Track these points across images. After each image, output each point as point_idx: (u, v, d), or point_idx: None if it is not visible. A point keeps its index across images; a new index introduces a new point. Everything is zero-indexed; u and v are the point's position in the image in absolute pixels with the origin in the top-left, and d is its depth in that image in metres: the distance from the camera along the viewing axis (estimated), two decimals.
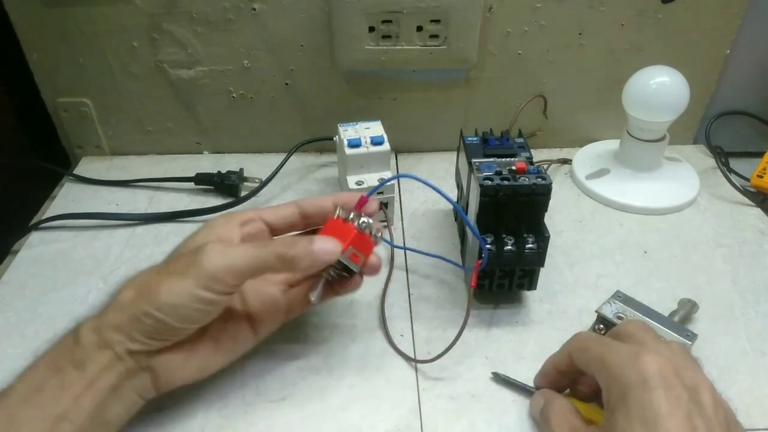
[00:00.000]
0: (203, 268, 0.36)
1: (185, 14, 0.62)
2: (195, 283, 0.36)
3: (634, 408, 0.31)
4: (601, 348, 0.36)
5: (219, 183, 0.65)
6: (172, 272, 0.37)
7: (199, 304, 0.36)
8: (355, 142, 0.57)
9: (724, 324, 0.50)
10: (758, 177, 0.65)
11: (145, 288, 0.37)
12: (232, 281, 0.36)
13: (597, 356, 0.36)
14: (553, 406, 0.39)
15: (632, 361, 0.33)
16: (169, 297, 0.35)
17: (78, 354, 0.36)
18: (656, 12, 0.63)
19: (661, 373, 0.32)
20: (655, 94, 0.59)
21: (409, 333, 0.49)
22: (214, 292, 0.36)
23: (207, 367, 0.41)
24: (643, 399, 0.31)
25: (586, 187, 0.65)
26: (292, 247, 0.37)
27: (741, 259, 0.57)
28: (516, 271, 0.49)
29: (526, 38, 0.64)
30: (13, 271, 0.56)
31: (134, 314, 0.36)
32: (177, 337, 0.38)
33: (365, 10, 0.60)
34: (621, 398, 0.32)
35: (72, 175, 0.68)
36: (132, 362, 0.36)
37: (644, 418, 0.30)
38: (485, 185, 0.45)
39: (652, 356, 0.33)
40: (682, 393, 0.31)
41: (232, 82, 0.67)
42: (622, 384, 0.32)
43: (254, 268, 0.37)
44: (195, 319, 0.37)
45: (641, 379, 0.32)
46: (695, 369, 0.34)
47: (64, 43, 0.63)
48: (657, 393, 0.31)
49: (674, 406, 0.30)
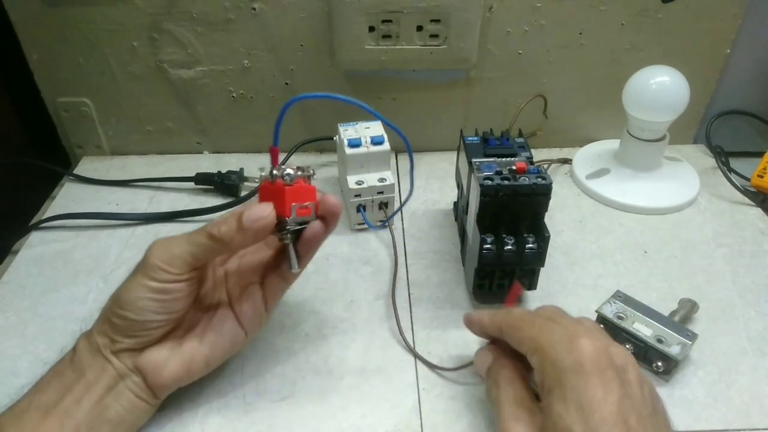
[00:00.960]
0: (148, 261, 0.39)
1: (185, 14, 0.62)
2: (143, 276, 0.38)
3: (570, 392, 0.32)
4: (533, 329, 0.36)
5: (219, 183, 0.65)
6: (129, 275, 0.40)
7: (151, 293, 0.38)
8: (355, 142, 0.57)
9: (724, 324, 0.50)
10: (758, 177, 0.65)
11: (115, 293, 0.40)
12: (175, 269, 0.38)
13: (530, 337, 0.36)
14: (503, 371, 0.39)
15: (567, 345, 0.34)
16: (126, 294, 0.39)
17: (76, 361, 0.39)
18: (656, 12, 0.63)
19: (594, 356, 0.33)
20: (655, 93, 0.59)
21: (410, 333, 0.49)
22: (160, 280, 0.38)
23: (195, 365, 0.41)
24: (578, 384, 0.32)
25: (587, 186, 0.65)
26: (222, 225, 0.38)
27: (741, 259, 0.57)
28: (516, 271, 0.49)
29: (527, 38, 0.64)
30: (13, 271, 0.56)
31: (107, 317, 0.39)
32: (148, 330, 0.39)
33: (365, 10, 0.59)
34: (556, 381, 0.33)
35: (72, 174, 0.68)
36: (119, 363, 0.39)
37: (580, 403, 0.31)
38: (485, 185, 0.45)
39: (585, 339, 0.33)
40: (613, 376, 0.32)
41: (232, 81, 0.67)
42: (558, 367, 0.33)
43: (192, 252, 0.39)
44: (153, 309, 0.39)
45: (577, 363, 0.32)
46: (618, 345, 0.35)
47: (64, 43, 0.63)
48: (592, 378, 0.32)
49: (607, 390, 0.31)
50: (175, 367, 0.41)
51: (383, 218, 0.58)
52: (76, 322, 0.51)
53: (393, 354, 0.48)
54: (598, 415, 0.30)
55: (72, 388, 0.38)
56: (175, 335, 0.41)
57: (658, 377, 0.46)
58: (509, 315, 0.40)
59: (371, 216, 0.58)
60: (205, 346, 0.42)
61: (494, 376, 0.39)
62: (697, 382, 0.46)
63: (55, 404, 0.37)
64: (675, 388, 0.45)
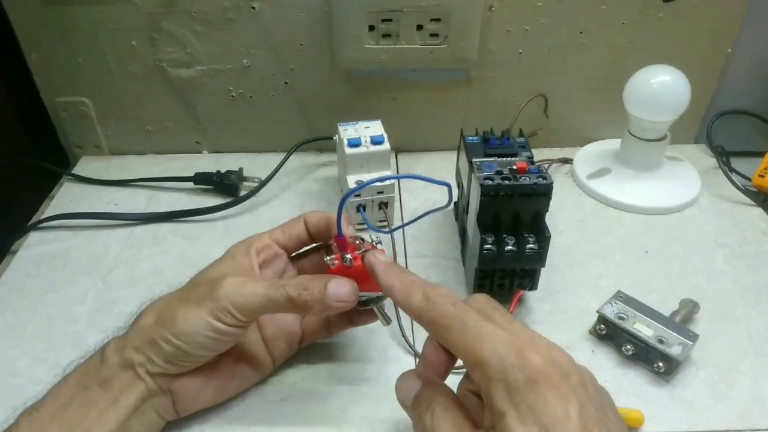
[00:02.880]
0: (218, 300, 0.37)
1: (184, 13, 0.61)
2: (209, 314, 0.37)
3: (528, 414, 0.29)
4: (467, 335, 0.31)
5: (218, 183, 0.65)
6: (190, 300, 0.38)
7: (213, 333, 0.37)
8: (354, 142, 0.57)
9: (725, 324, 0.50)
10: (760, 176, 0.64)
11: (164, 314, 0.38)
12: (244, 317, 0.38)
13: (465, 345, 0.31)
14: (438, 397, 0.33)
15: (514, 359, 0.30)
16: (184, 325, 0.37)
17: (103, 373, 0.38)
18: (657, 11, 0.63)
19: (546, 369, 0.29)
20: (656, 93, 0.59)
21: (410, 333, 0.49)
22: (226, 324, 0.37)
23: (224, 392, 0.43)
24: (536, 403, 0.29)
25: (587, 186, 0.65)
26: (304, 292, 0.38)
27: (742, 259, 0.57)
28: (517, 271, 0.49)
29: (527, 37, 0.64)
30: (12, 271, 0.56)
31: (153, 338, 0.37)
32: (193, 363, 0.39)
33: (365, 9, 0.59)
34: (509, 402, 0.29)
35: (71, 174, 0.68)
36: (152, 383, 0.38)
37: (542, 424, 0.28)
38: (486, 185, 0.45)
39: (532, 352, 0.30)
40: (567, 387, 0.29)
41: (231, 81, 0.66)
42: (510, 387, 0.29)
43: (266, 307, 0.38)
44: (209, 346, 0.38)
45: (530, 380, 0.29)
46: (555, 347, 0.32)
47: (63, 42, 0.63)
48: (548, 394, 0.29)
49: (567, 404, 0.29)
50: (208, 395, 0.41)
51: (383, 218, 0.58)
52: (75, 323, 0.50)
53: (393, 354, 0.48)
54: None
55: (97, 405, 0.37)
56: (209, 364, 0.40)
57: (659, 377, 0.45)
58: (432, 306, 0.33)
59: (371, 216, 0.58)
60: (237, 378, 0.43)
61: (427, 403, 0.33)
62: (698, 383, 0.45)
63: (78, 421, 0.36)
64: (676, 388, 0.45)
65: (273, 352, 0.44)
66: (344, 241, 0.40)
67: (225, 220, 0.62)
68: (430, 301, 0.33)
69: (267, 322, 0.44)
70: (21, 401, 0.38)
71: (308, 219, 0.45)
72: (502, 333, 0.31)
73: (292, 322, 0.45)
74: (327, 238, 0.44)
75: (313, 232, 0.45)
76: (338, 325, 0.46)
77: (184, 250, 0.58)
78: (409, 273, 0.36)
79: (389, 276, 0.36)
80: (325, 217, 0.44)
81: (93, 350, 0.40)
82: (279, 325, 0.44)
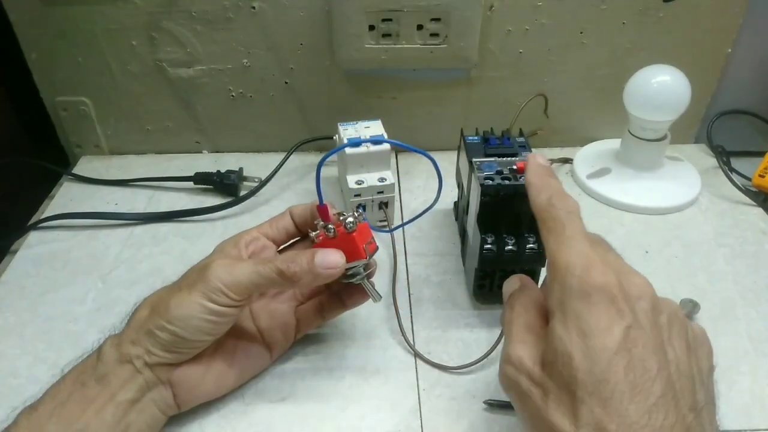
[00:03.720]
0: (209, 282, 0.38)
1: (184, 13, 0.61)
2: (202, 295, 0.38)
3: (572, 318, 0.30)
4: (557, 240, 0.34)
5: (218, 182, 0.65)
6: (182, 287, 0.39)
7: (208, 314, 0.38)
8: (355, 141, 0.57)
9: (725, 324, 0.50)
10: (760, 176, 0.64)
11: (157, 304, 0.39)
12: (236, 295, 0.38)
13: (552, 247, 0.33)
14: (522, 297, 0.36)
15: (580, 270, 0.31)
16: (179, 309, 0.38)
17: (100, 369, 0.38)
18: (657, 11, 0.63)
19: (605, 287, 0.31)
20: (656, 93, 0.59)
21: (410, 333, 0.49)
22: (220, 304, 0.38)
23: (223, 384, 0.43)
24: (582, 311, 0.30)
25: (587, 186, 0.65)
26: (292, 264, 0.39)
27: (742, 258, 0.57)
28: (517, 271, 0.48)
29: (527, 37, 0.64)
30: (12, 270, 0.56)
31: (149, 329, 0.38)
32: (192, 350, 0.39)
33: (365, 9, 0.59)
34: (560, 303, 0.31)
35: (71, 174, 0.68)
36: (151, 375, 0.38)
37: (581, 329, 0.30)
38: (486, 185, 0.45)
39: (598, 270, 0.31)
40: (622, 307, 0.30)
41: (231, 80, 0.66)
42: (564, 290, 0.31)
43: (257, 283, 0.39)
44: (206, 330, 0.38)
45: (584, 291, 0.30)
46: (638, 275, 0.34)
47: (62, 41, 0.63)
48: (597, 308, 0.30)
49: (613, 319, 0.30)
50: (209, 385, 0.42)
51: (383, 218, 0.58)
52: (75, 323, 0.50)
53: (393, 354, 0.48)
54: (599, 342, 0.29)
55: (94, 401, 0.37)
56: (207, 353, 0.41)
57: None
58: (548, 208, 0.35)
59: (371, 216, 0.58)
60: (235, 367, 0.43)
61: (512, 301, 0.37)
62: None
63: (76, 418, 0.36)
64: None
65: (269, 342, 0.45)
66: (325, 209, 0.41)
67: (225, 219, 0.62)
68: (550, 203, 0.36)
69: (261, 312, 0.45)
70: (21, 401, 0.38)
71: (293, 211, 0.46)
72: (587, 250, 0.33)
73: (286, 311, 0.45)
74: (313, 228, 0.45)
75: (299, 222, 0.45)
76: (331, 309, 0.46)
77: (184, 250, 0.58)
78: (553, 178, 0.37)
79: (532, 174, 0.37)
80: (309, 207, 0.45)
81: (92, 350, 0.40)
82: (273, 315, 0.45)
